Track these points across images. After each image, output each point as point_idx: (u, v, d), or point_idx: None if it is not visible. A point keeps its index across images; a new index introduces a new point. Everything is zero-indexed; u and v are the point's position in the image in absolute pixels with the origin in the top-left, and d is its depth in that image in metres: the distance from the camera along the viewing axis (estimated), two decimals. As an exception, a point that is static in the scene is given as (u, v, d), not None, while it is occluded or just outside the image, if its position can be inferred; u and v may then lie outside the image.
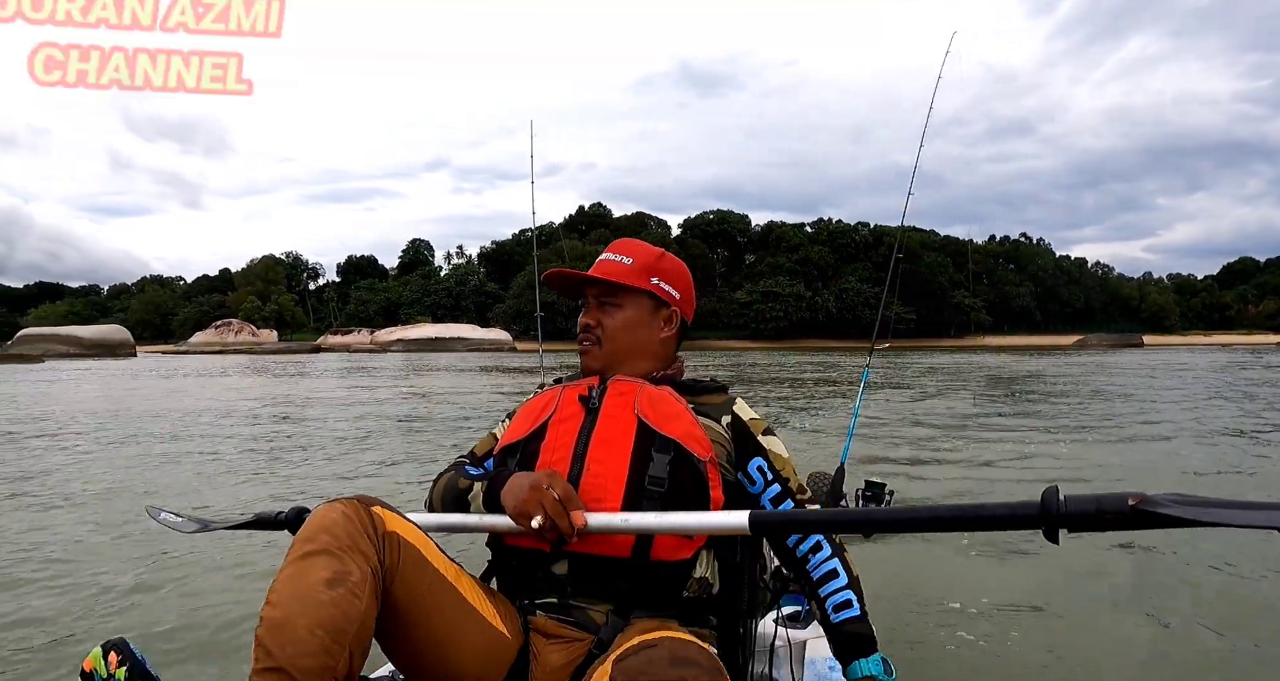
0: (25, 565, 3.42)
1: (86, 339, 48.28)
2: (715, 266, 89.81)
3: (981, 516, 0.87)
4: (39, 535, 3.91)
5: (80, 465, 6.18)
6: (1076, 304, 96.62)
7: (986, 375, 18.99)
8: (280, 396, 13.95)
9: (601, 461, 1.17)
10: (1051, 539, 0.83)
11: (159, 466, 6.14)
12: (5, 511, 4.46)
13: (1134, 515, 0.77)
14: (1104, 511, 0.79)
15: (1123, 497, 0.78)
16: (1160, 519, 0.76)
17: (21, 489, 5.15)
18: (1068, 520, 0.81)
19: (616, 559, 1.13)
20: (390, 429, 9.02)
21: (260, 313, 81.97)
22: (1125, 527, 0.79)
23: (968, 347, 64.67)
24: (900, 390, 14.10)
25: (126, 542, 3.78)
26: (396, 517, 1.04)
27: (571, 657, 1.10)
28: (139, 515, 3.90)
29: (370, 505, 1.02)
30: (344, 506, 1.00)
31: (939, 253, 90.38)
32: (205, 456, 6.62)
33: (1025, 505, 0.84)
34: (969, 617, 2.70)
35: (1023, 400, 11.50)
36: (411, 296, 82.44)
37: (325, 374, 22.93)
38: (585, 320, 1.35)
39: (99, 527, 4.07)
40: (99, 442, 7.50)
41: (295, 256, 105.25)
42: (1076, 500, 0.81)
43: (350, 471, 6.03)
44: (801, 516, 1.09)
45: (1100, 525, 0.79)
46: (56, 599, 2.98)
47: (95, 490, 5.14)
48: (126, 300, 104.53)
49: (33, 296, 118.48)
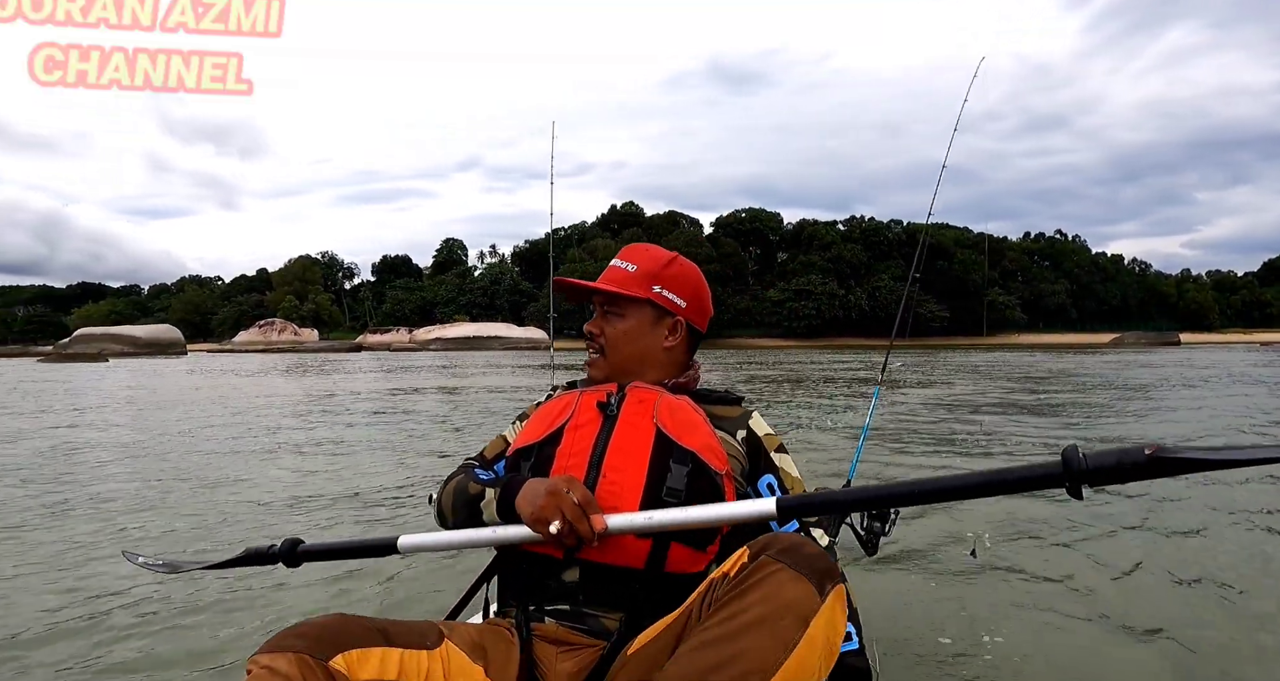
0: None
1: (140, 338, 49.65)
2: (748, 265, 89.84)
3: (1006, 480, 0.89)
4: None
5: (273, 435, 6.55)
6: (1113, 301, 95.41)
7: (1014, 374, 18.50)
8: (379, 390, 14.44)
9: (619, 469, 1.15)
10: (1075, 495, 0.85)
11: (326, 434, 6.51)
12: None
13: (1152, 463, 0.79)
14: (1124, 463, 0.81)
15: (1140, 448, 0.80)
16: (1177, 463, 0.79)
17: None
18: (1090, 475, 0.83)
19: (630, 569, 1.11)
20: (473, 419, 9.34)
21: (298, 312, 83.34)
22: (1145, 477, 0.81)
23: (1001, 346, 63.60)
24: (922, 389, 13.91)
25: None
26: (361, 656, 0.93)
27: (583, 665, 1.08)
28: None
29: (328, 653, 0.90)
30: (289, 667, 0.86)
31: (972, 250, 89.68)
32: (343, 430, 6.93)
33: (1048, 465, 0.86)
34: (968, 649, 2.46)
35: (1051, 402, 11.19)
36: (447, 296, 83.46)
37: (412, 369, 23.46)
38: (589, 328, 1.34)
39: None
40: (255, 428, 7.89)
41: (331, 256, 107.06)
42: (1097, 455, 0.83)
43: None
44: (825, 497, 1.06)
45: (1121, 476, 0.82)
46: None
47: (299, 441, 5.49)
48: (167, 299, 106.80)
49: (76, 296, 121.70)
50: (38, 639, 2.42)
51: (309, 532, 3.79)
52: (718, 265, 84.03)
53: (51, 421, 9.26)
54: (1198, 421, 8.54)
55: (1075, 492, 0.84)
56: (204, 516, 4.10)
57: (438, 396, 13.40)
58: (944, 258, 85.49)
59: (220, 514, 4.17)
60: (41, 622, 2.55)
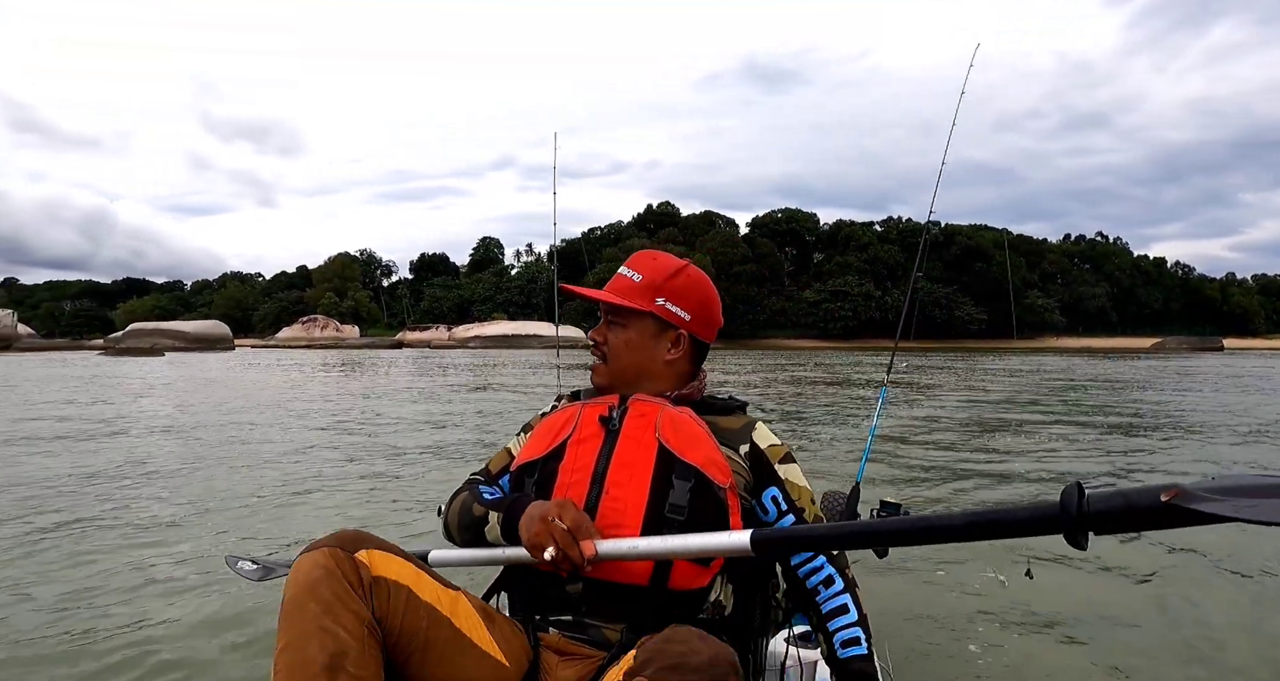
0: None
1: (190, 333, 50.68)
2: (783, 265, 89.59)
3: (997, 521, 0.80)
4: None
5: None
6: (1154, 305, 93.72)
7: (1048, 380, 18.16)
8: (432, 386, 14.81)
9: (621, 485, 1.14)
10: (1076, 543, 0.74)
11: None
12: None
13: (1168, 511, 0.67)
14: (1133, 508, 0.69)
15: (1154, 491, 0.68)
16: (1199, 516, 0.66)
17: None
18: (1092, 520, 0.72)
19: (633, 586, 1.12)
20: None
21: (337, 308, 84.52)
22: (1160, 525, 0.69)
23: (1038, 350, 62.74)
24: (953, 393, 13.80)
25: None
26: (383, 557, 1.02)
27: (584, 673, 1.10)
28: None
29: (354, 548, 1.00)
30: (325, 558, 0.97)
31: (1011, 252, 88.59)
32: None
33: (1044, 506, 0.76)
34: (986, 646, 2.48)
35: (1083, 407, 11.03)
36: (484, 294, 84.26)
37: (450, 370, 23.88)
38: (593, 335, 1.34)
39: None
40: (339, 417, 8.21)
41: (369, 254, 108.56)
42: (1101, 497, 0.72)
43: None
44: (803, 533, 1.03)
45: (1131, 524, 0.70)
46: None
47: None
48: (209, 295, 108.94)
49: (121, 291, 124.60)
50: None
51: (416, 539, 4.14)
52: (754, 265, 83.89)
53: (195, 411, 9.70)
54: (1232, 438, 7.67)
55: (1075, 541, 0.74)
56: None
57: (514, 397, 13.70)
58: (981, 259, 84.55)
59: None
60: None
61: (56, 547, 3.42)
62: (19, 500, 4.38)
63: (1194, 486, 0.67)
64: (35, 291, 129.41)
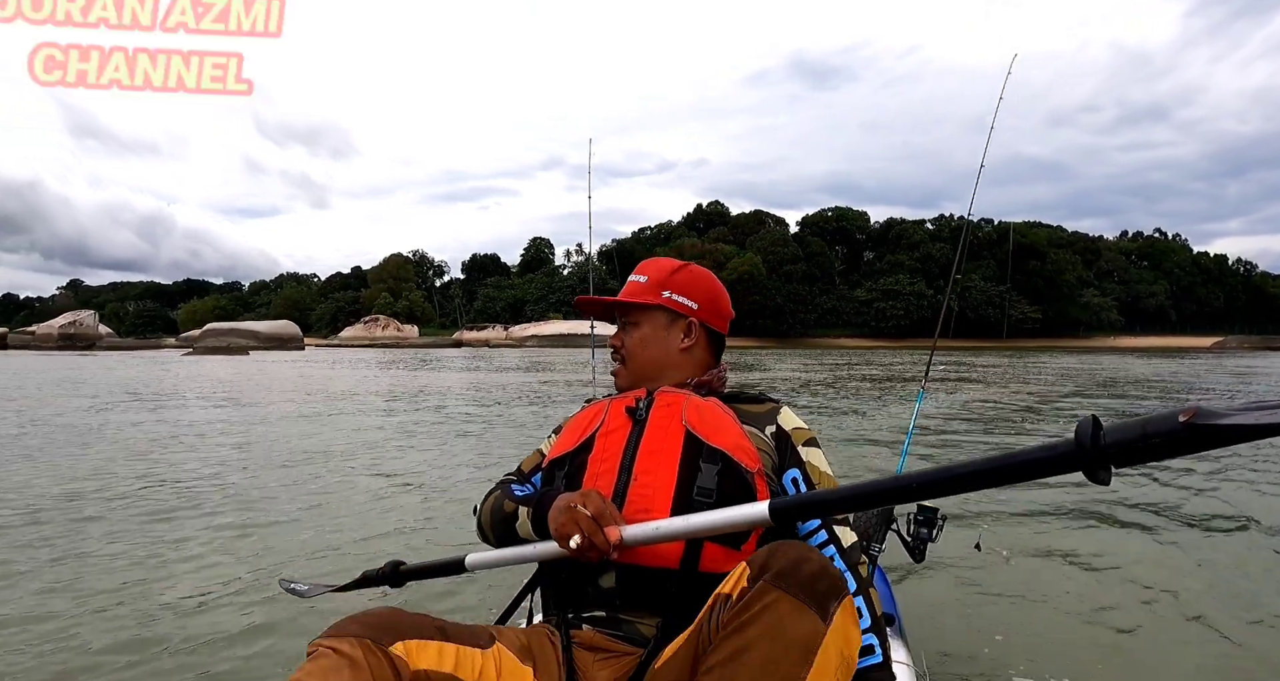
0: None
1: (263, 333, 52.53)
2: (834, 264, 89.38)
3: (1017, 464, 0.77)
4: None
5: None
6: (1215, 304, 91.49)
7: (1100, 379, 18.15)
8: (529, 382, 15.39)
9: (649, 472, 1.16)
10: (1096, 478, 0.71)
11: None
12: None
13: (1190, 433, 0.65)
14: (1151, 435, 0.67)
15: (1172, 415, 0.66)
16: (1222, 432, 0.63)
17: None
18: (1110, 452, 0.69)
19: (665, 570, 1.11)
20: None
21: (392, 308, 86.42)
22: (1182, 451, 0.66)
23: (1094, 349, 61.70)
24: (999, 388, 13.76)
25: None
26: (420, 647, 0.95)
27: (620, 673, 1.08)
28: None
29: (390, 638, 0.93)
30: (350, 656, 0.88)
31: (1067, 250, 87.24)
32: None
33: (1061, 443, 0.73)
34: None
35: (1136, 407, 10.93)
36: (537, 293, 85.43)
37: (513, 368, 24.55)
38: (612, 341, 1.40)
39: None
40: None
41: (421, 254, 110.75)
42: (1118, 428, 0.70)
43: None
44: (821, 496, 0.99)
45: (1151, 452, 0.67)
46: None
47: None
48: (267, 296, 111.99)
49: (182, 292, 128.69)
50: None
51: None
52: (804, 265, 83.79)
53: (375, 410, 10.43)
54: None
55: (1095, 476, 0.71)
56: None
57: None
58: (1036, 258, 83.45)
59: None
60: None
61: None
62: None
63: (1214, 406, 0.65)
64: (101, 292, 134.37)
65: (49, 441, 6.87)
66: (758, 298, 76.26)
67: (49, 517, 3.98)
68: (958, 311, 79.00)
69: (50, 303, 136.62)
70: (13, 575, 3.07)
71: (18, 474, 5.25)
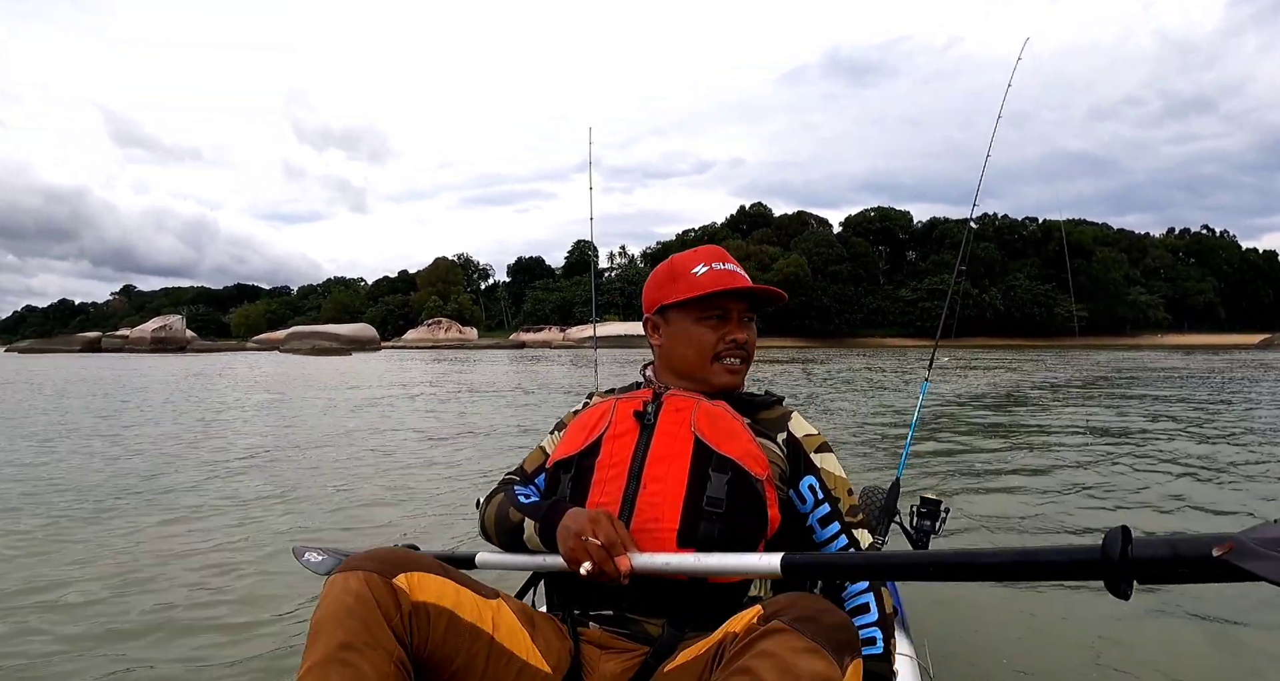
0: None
1: (343, 336, 54.74)
2: (878, 264, 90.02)
3: (1038, 563, 0.75)
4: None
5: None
6: (1266, 300, 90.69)
7: (1130, 374, 18.35)
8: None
9: (659, 479, 1.15)
10: (1118, 592, 0.68)
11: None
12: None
13: (1223, 569, 0.61)
14: (1182, 559, 0.64)
15: (1206, 543, 0.62)
16: (1253, 575, 0.60)
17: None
18: (1135, 569, 0.66)
19: (675, 582, 1.10)
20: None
21: (441, 311, 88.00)
22: (1209, 580, 0.63)
23: (1140, 346, 61.71)
24: (1025, 375, 14.19)
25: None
26: (422, 579, 1.00)
27: (627, 666, 1.09)
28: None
29: (393, 571, 0.98)
30: (359, 583, 0.95)
31: (1112, 247, 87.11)
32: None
33: (1084, 550, 0.71)
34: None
35: (1156, 402, 11.00)
36: (584, 296, 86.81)
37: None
38: (738, 336, 1.31)
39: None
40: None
41: (466, 258, 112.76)
42: (1147, 544, 0.66)
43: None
44: (834, 560, 1.02)
45: (1178, 575, 0.65)
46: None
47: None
48: (315, 300, 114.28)
49: (232, 297, 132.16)
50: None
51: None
52: (849, 265, 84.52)
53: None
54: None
55: (1116, 589, 0.69)
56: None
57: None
58: (1082, 256, 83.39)
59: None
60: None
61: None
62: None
63: (1251, 538, 0.62)
64: (154, 297, 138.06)
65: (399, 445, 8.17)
66: (804, 298, 77.19)
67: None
68: (1004, 310, 79.18)
69: (105, 307, 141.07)
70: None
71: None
